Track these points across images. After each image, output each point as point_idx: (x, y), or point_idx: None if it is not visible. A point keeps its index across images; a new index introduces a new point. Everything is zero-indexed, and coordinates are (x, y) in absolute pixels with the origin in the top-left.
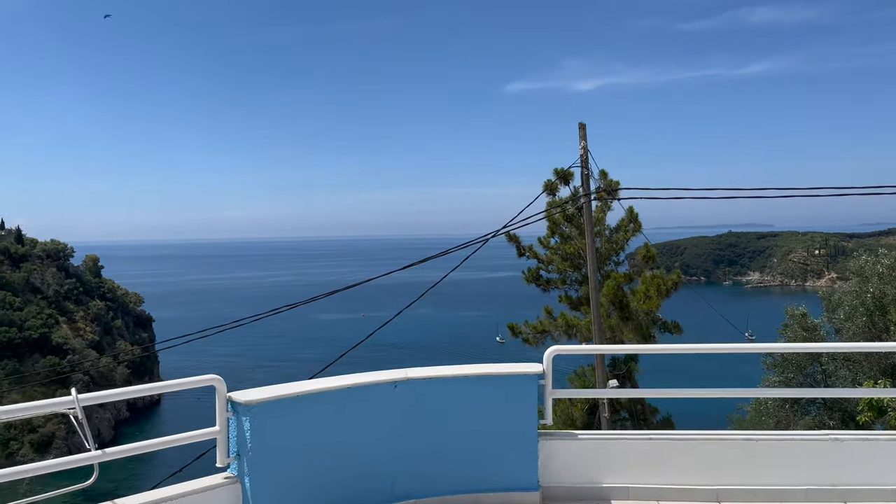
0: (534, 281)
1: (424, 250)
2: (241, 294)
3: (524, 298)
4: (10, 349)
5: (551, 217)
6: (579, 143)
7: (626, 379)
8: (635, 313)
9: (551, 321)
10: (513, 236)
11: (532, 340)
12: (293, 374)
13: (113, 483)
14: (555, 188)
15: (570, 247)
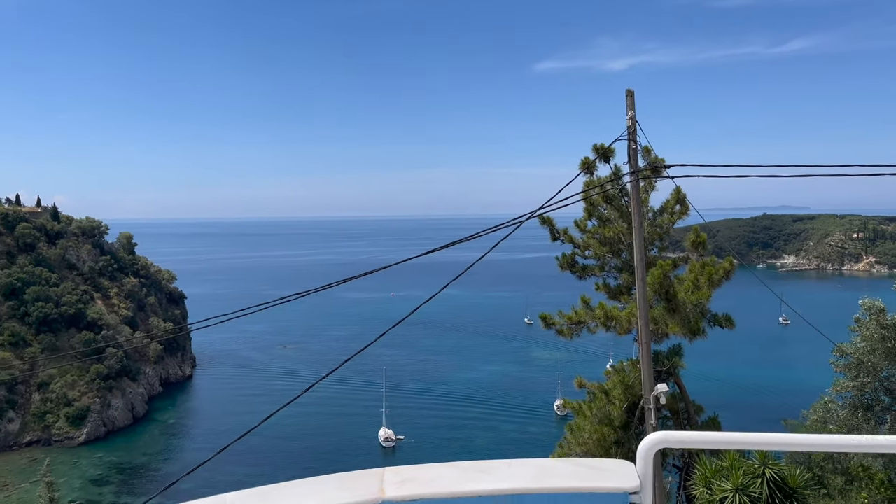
0: (568, 267)
1: (453, 230)
2: (274, 272)
3: (553, 280)
4: (46, 324)
5: (589, 198)
6: (626, 112)
7: (669, 375)
8: (682, 304)
9: (588, 311)
10: (546, 219)
11: (566, 332)
12: (323, 352)
13: (146, 456)
14: (593, 167)
15: (610, 230)
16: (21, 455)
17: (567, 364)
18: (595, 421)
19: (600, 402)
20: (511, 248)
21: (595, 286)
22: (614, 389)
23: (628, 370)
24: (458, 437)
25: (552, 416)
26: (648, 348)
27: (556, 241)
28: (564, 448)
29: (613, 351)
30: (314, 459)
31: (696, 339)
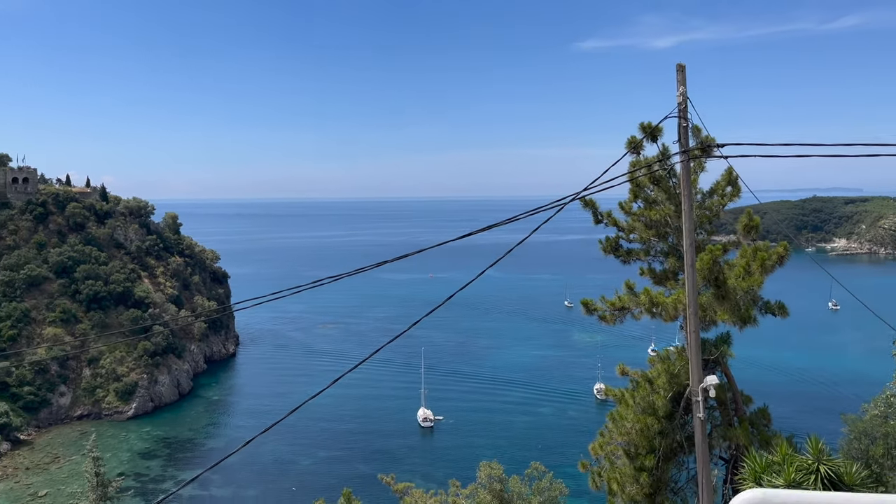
0: (612, 251)
1: (493, 212)
2: (314, 252)
3: (594, 263)
4: (96, 301)
5: (635, 179)
6: (677, 88)
7: (717, 364)
8: (733, 291)
9: (632, 297)
10: (589, 201)
11: (609, 318)
12: (363, 332)
13: (192, 431)
14: (639, 146)
15: (656, 213)
16: (72, 428)
17: (607, 347)
18: (638, 410)
19: (644, 391)
20: (551, 230)
21: (639, 271)
22: (658, 378)
23: (673, 358)
24: (496, 419)
25: (592, 400)
26: (697, 337)
27: (600, 223)
28: (605, 437)
29: (655, 335)
30: (353, 439)
31: (747, 328)
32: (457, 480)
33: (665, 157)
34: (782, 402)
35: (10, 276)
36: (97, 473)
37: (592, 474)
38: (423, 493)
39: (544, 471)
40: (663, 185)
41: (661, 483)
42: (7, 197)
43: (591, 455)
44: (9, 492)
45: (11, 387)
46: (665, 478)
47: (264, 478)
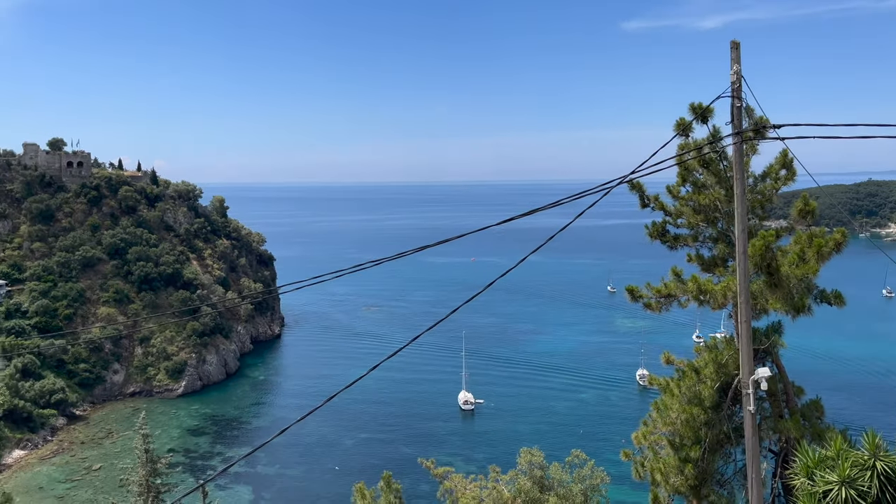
0: (658, 237)
1: (533, 196)
2: (358, 235)
3: (639, 248)
4: (147, 282)
5: (684, 162)
6: (731, 67)
7: (767, 354)
8: (786, 279)
9: (679, 284)
10: (636, 184)
11: (654, 306)
12: (405, 315)
13: (238, 410)
14: (689, 128)
15: (705, 197)
16: (125, 404)
17: (650, 333)
18: (684, 400)
19: (690, 381)
20: (595, 215)
21: (687, 257)
22: (705, 368)
23: (721, 347)
24: (538, 403)
25: (634, 387)
26: (748, 327)
27: (646, 208)
28: (649, 426)
29: (699, 321)
30: (395, 421)
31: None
32: (497, 466)
33: (716, 139)
34: (836, 393)
35: (66, 258)
36: (147, 450)
37: (635, 464)
38: (463, 478)
39: (585, 458)
40: (713, 168)
41: (706, 475)
42: (62, 180)
43: (633, 444)
44: (65, 465)
45: (68, 364)
46: (711, 469)
47: (308, 457)
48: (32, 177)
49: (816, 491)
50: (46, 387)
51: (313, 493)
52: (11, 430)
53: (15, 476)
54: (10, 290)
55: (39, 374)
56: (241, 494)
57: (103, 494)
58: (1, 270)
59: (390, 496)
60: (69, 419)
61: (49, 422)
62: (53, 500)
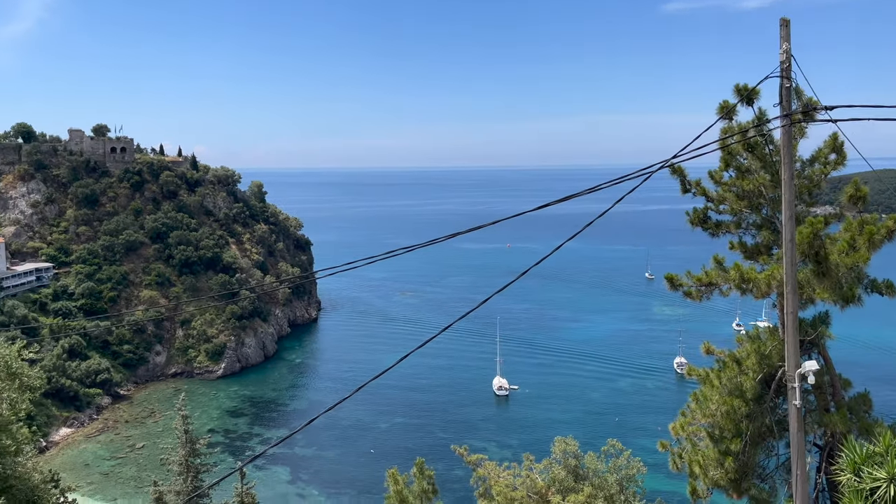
0: (700, 223)
1: (570, 181)
2: (394, 221)
3: (678, 235)
4: (187, 266)
5: (727, 146)
6: (780, 45)
7: (813, 345)
8: (835, 268)
9: (721, 272)
10: (677, 169)
11: (695, 294)
12: (440, 300)
13: (276, 392)
14: (732, 111)
15: (749, 182)
16: (167, 385)
17: (689, 321)
18: (724, 391)
19: (731, 372)
20: (633, 200)
21: (729, 244)
22: (748, 359)
23: (764, 337)
24: (573, 390)
25: (672, 375)
26: (795, 318)
27: (687, 193)
28: (687, 417)
29: (740, 309)
30: (430, 405)
31: (849, 307)
32: (531, 454)
33: (762, 122)
34: (885, 386)
35: (110, 241)
36: (186, 431)
37: (672, 455)
38: (496, 466)
39: (621, 448)
40: (758, 152)
41: (747, 468)
42: (106, 165)
43: (671, 435)
44: (109, 443)
45: (112, 345)
46: (752, 463)
47: (344, 440)
48: (78, 162)
49: (863, 488)
50: (92, 367)
51: (349, 476)
52: (59, 408)
53: (62, 453)
54: (57, 273)
55: (85, 355)
56: (278, 475)
57: (146, 472)
58: (48, 253)
59: (423, 482)
60: (114, 398)
61: (94, 401)
62: (99, 477)
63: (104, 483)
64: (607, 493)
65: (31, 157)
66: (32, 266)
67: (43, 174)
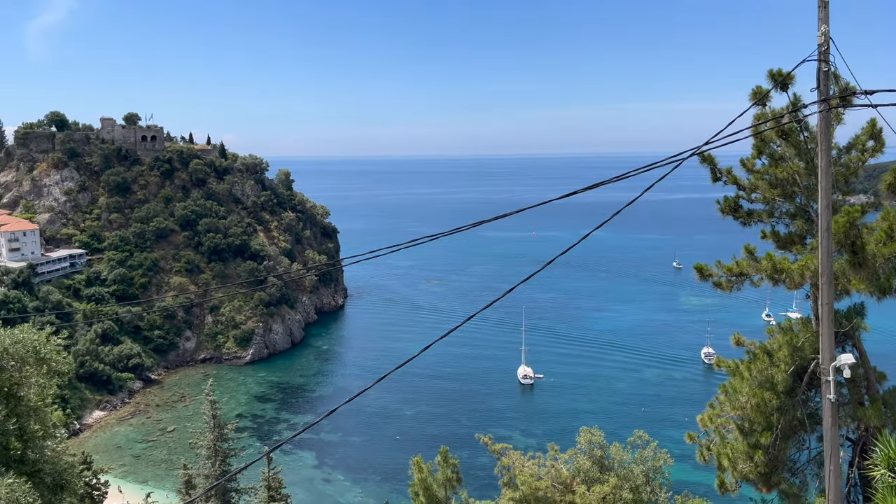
0: (731, 212)
1: (596, 169)
2: (420, 209)
3: (706, 224)
4: (216, 253)
5: (760, 133)
6: (818, 27)
7: (847, 337)
8: (872, 258)
9: (752, 262)
10: (707, 157)
11: (725, 285)
12: (465, 289)
13: (303, 378)
14: (766, 97)
15: (783, 170)
16: (196, 370)
17: (717, 310)
18: (754, 384)
19: (762, 364)
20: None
21: (761, 234)
22: (779, 350)
23: (797, 329)
24: (598, 380)
25: (699, 366)
26: (830, 309)
27: (718, 181)
28: (716, 409)
29: (770, 299)
30: (454, 393)
31: (886, 299)
32: (556, 444)
33: (797, 108)
34: None
35: (142, 228)
36: (214, 416)
37: (700, 447)
38: (521, 455)
39: (648, 439)
40: (793, 139)
41: (777, 462)
42: (137, 154)
43: (699, 426)
44: (141, 426)
45: (143, 330)
46: (782, 457)
47: (369, 426)
48: (110, 150)
49: None
50: (124, 351)
51: (374, 462)
52: (92, 391)
53: (95, 435)
54: (90, 259)
55: (118, 340)
56: (305, 460)
57: (176, 455)
58: (81, 240)
59: (447, 470)
60: (145, 383)
61: (126, 385)
62: (131, 459)
63: (136, 465)
64: (633, 485)
65: (64, 146)
66: (66, 252)
67: (76, 162)
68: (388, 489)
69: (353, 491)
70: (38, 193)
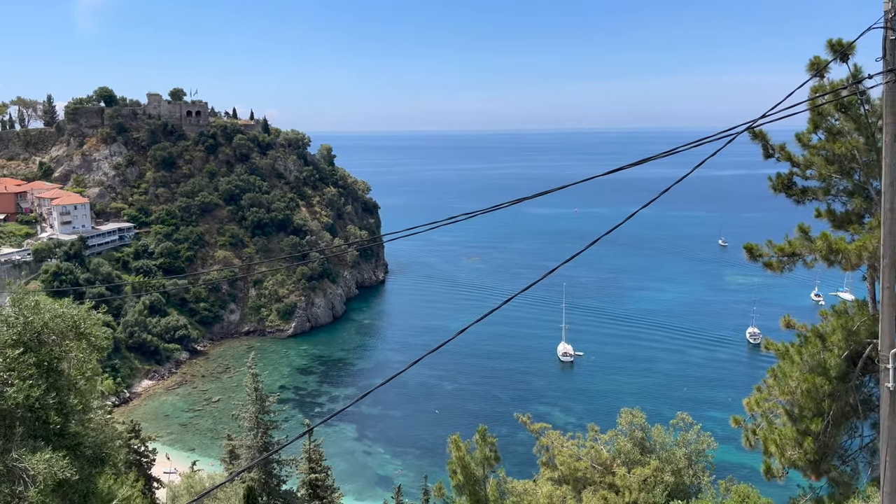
0: (784, 189)
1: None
2: (461, 185)
3: (755, 201)
4: (259, 228)
5: (817, 107)
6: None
7: None
8: None
9: (806, 242)
10: (759, 132)
11: (776, 265)
12: (506, 265)
13: (344, 352)
14: (824, 69)
15: (841, 146)
16: (241, 342)
17: (764, 289)
18: (805, 368)
19: (813, 348)
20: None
21: (816, 212)
22: (833, 334)
23: (852, 312)
24: (640, 360)
25: (744, 346)
26: (892, 293)
27: (770, 158)
28: (764, 392)
29: (819, 278)
30: (494, 369)
31: None
32: (596, 424)
33: (858, 80)
34: None
35: (187, 203)
36: (256, 388)
37: (746, 431)
38: (560, 435)
39: (691, 422)
40: (852, 112)
41: (828, 449)
42: (183, 129)
43: (745, 410)
44: (187, 396)
45: (189, 303)
46: (833, 444)
47: (409, 400)
48: (156, 125)
49: None
50: (171, 323)
51: (414, 435)
52: (141, 361)
53: (144, 404)
54: (138, 233)
55: (165, 312)
56: (346, 432)
57: (221, 425)
58: (129, 214)
59: (485, 449)
60: (191, 353)
61: (174, 355)
62: (178, 427)
63: (182, 433)
64: (675, 467)
65: (112, 121)
66: (115, 226)
67: (124, 137)
68: (428, 463)
69: (392, 464)
70: (88, 168)
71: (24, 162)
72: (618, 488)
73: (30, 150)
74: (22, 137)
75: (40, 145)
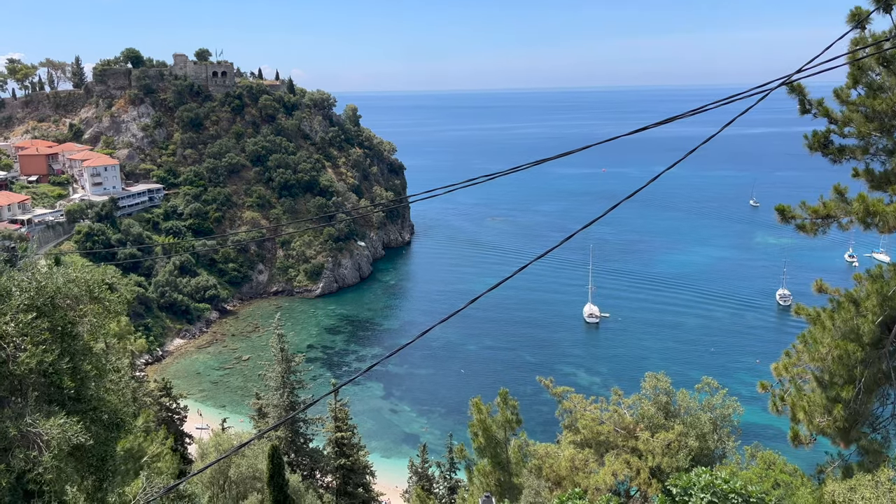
0: (820, 148)
1: (670, 103)
2: (487, 145)
3: (785, 159)
4: (286, 189)
5: (857, 61)
6: None
7: None
8: None
9: (841, 204)
10: (796, 87)
11: (809, 228)
12: (531, 226)
13: (370, 312)
14: (866, 20)
15: (882, 102)
16: (269, 302)
17: (794, 250)
18: (837, 334)
19: (846, 313)
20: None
21: (853, 172)
22: (867, 300)
23: (888, 276)
24: (667, 320)
25: (773, 308)
26: None
27: (807, 113)
28: (793, 358)
29: (854, 239)
30: (519, 330)
31: None
32: (619, 389)
33: None
34: None
35: (214, 164)
36: (282, 349)
37: (773, 397)
38: (583, 399)
39: (717, 387)
40: (895, 67)
41: (858, 416)
42: (209, 90)
43: (773, 375)
44: (218, 354)
45: (219, 263)
46: (864, 412)
47: (434, 359)
48: (182, 87)
49: None
50: (201, 283)
51: (439, 394)
52: (172, 320)
53: (176, 362)
54: (167, 194)
55: (195, 272)
56: (372, 391)
57: (251, 383)
58: (158, 175)
59: (507, 412)
60: (221, 313)
61: (204, 315)
62: (209, 385)
63: (213, 391)
64: (699, 432)
65: (139, 82)
66: (145, 187)
67: (151, 98)
68: (453, 421)
69: (418, 422)
70: (117, 129)
71: (54, 124)
72: (640, 452)
73: (59, 112)
74: (52, 99)
75: (70, 107)
